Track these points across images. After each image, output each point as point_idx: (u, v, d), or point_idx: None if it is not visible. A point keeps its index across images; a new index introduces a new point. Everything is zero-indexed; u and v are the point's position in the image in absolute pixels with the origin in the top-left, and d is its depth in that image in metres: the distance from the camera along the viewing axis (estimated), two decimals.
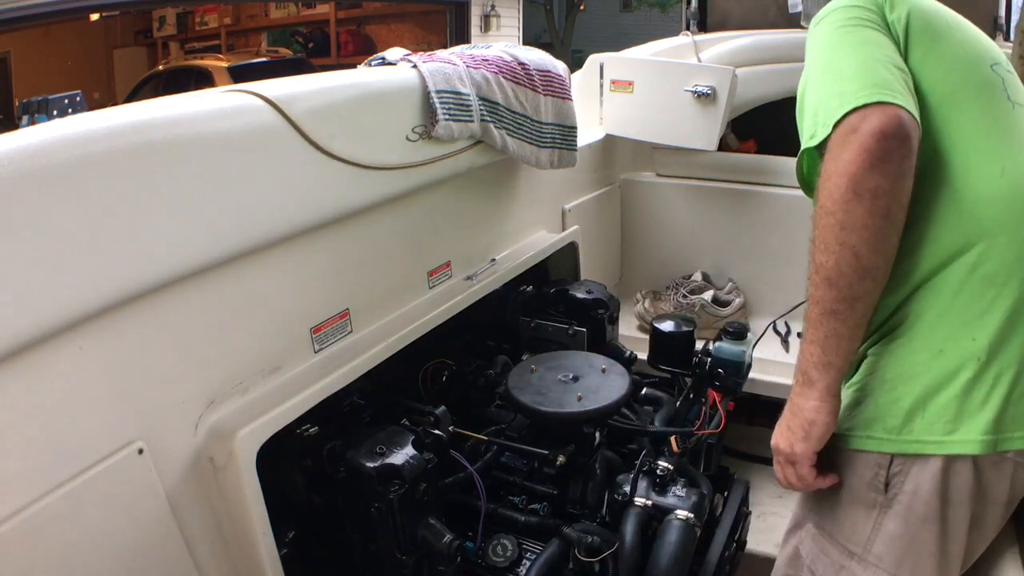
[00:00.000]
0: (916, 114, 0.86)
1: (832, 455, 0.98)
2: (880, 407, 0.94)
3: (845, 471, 0.97)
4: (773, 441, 1.01)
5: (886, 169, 0.83)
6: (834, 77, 0.91)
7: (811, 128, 0.91)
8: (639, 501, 1.20)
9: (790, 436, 0.96)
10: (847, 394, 0.99)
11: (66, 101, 1.16)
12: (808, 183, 0.99)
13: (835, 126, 0.86)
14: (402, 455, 1.10)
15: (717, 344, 1.49)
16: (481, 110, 1.39)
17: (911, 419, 0.91)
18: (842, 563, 1.00)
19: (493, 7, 8.70)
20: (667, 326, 1.59)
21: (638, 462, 1.25)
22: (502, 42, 1.66)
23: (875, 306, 0.91)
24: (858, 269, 0.86)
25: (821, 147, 0.89)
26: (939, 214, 0.92)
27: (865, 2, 0.99)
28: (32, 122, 1.10)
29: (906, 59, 0.96)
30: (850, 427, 0.96)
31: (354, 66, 1.42)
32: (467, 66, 1.39)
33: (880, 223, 0.85)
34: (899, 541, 0.94)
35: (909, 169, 0.85)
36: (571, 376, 1.35)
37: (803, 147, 0.94)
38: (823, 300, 0.90)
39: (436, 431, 1.21)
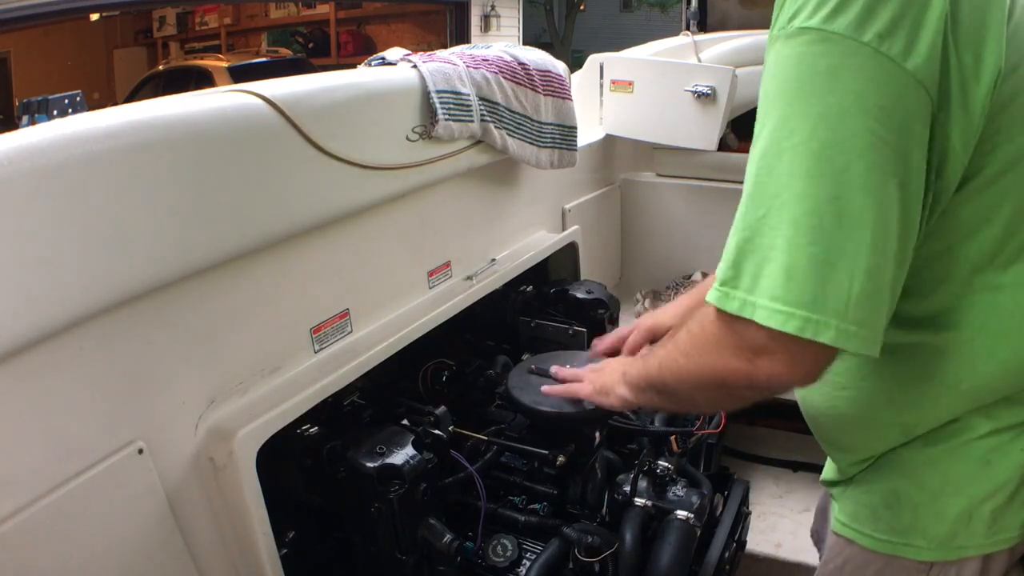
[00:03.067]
0: (870, 347, 0.65)
1: (857, 554, 0.92)
2: (921, 517, 0.86)
3: (876, 573, 0.90)
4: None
5: (761, 394, 0.72)
6: (818, 212, 0.62)
7: (730, 268, 0.67)
8: (639, 501, 1.20)
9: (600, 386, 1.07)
10: (869, 489, 0.91)
11: (66, 101, 1.16)
12: None
13: (759, 323, 0.64)
14: (402, 455, 1.10)
15: None
16: (481, 110, 1.39)
17: (956, 528, 0.84)
18: None
19: (493, 7, 8.70)
20: None
21: (638, 462, 1.25)
22: (502, 42, 1.66)
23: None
24: (691, 406, 0.92)
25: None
26: (992, 366, 0.78)
27: (917, 60, 0.61)
28: (32, 122, 1.11)
29: (974, 139, 0.66)
30: (883, 530, 0.88)
31: (354, 66, 1.42)
32: (467, 66, 1.39)
33: (728, 405, 0.86)
34: None
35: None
36: None
37: (711, 295, 0.69)
38: (659, 389, 0.90)
39: (436, 431, 1.21)
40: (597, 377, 1.10)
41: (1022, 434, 0.81)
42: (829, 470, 1.00)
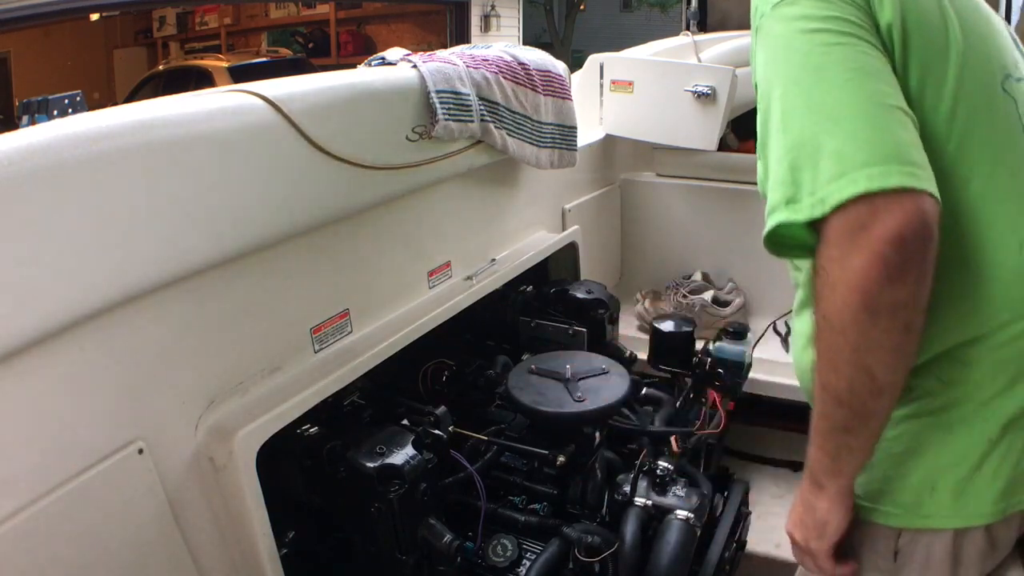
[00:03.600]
0: (938, 194, 0.69)
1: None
2: (889, 481, 0.88)
3: (858, 539, 0.92)
4: (788, 528, 0.94)
5: (907, 279, 0.68)
6: (822, 120, 0.72)
7: (787, 188, 0.72)
8: (639, 501, 1.20)
9: (804, 532, 0.90)
10: None
11: (66, 101, 1.16)
12: (780, 243, 0.80)
13: (836, 208, 0.68)
14: (402, 455, 1.10)
15: (717, 344, 1.50)
16: (481, 110, 1.39)
17: (920, 495, 0.86)
18: None
19: (493, 7, 8.70)
20: (667, 326, 1.59)
21: (638, 462, 1.25)
22: (502, 42, 1.66)
23: (889, 417, 0.79)
24: (873, 390, 0.74)
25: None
26: (950, 295, 0.79)
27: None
28: (32, 122, 1.11)
29: (902, 85, 0.77)
30: (861, 498, 0.89)
31: (354, 66, 1.42)
32: (467, 66, 1.39)
33: (899, 339, 0.72)
34: None
35: (931, 269, 0.70)
36: (571, 376, 1.35)
37: (776, 218, 0.74)
38: (833, 416, 0.79)
39: (436, 431, 1.21)
40: (799, 523, 0.92)
41: (984, 406, 0.82)
42: None
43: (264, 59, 7.95)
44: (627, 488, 1.22)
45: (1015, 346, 0.81)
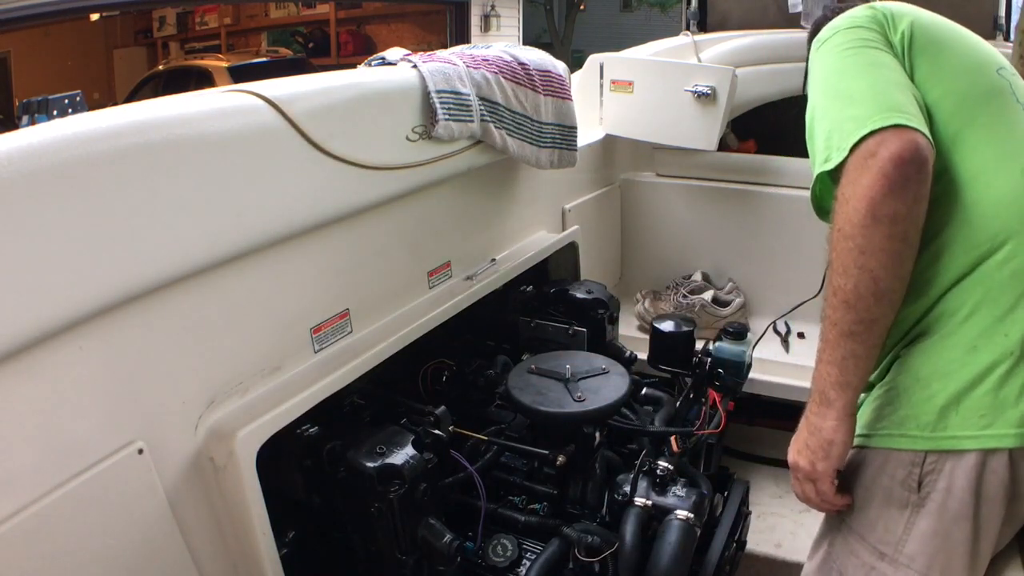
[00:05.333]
0: (931, 138, 0.88)
1: (863, 457, 0.99)
2: (914, 405, 0.93)
3: (877, 471, 0.97)
4: (791, 458, 1.00)
5: (904, 194, 0.85)
6: (846, 102, 0.93)
7: (824, 152, 0.93)
8: (639, 501, 1.20)
9: (810, 455, 0.97)
10: (878, 394, 0.99)
11: (66, 101, 1.16)
12: (822, 207, 1.01)
13: (852, 150, 0.87)
14: (402, 455, 1.10)
15: (717, 344, 1.49)
16: (481, 110, 1.39)
17: (946, 415, 0.90)
18: (872, 564, 0.98)
19: (493, 7, 8.70)
20: (667, 326, 1.59)
21: (638, 462, 1.25)
22: (502, 42, 1.66)
23: (890, 327, 0.92)
24: (876, 292, 0.88)
25: (836, 172, 0.91)
26: (963, 218, 0.93)
27: (867, 22, 1.02)
28: (32, 122, 1.10)
29: (912, 76, 0.99)
30: (883, 426, 0.96)
31: (354, 66, 1.42)
32: (467, 66, 1.39)
33: (899, 247, 0.87)
34: (932, 540, 0.93)
35: (926, 193, 0.87)
36: (571, 376, 1.35)
37: (816, 171, 0.95)
38: (841, 322, 0.91)
39: (436, 431, 1.21)
40: (804, 447, 0.99)
41: (1000, 321, 0.90)
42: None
43: (264, 59, 7.94)
44: (627, 488, 1.22)
45: (1018, 260, 0.91)
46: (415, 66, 1.31)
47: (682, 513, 1.17)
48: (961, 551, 0.92)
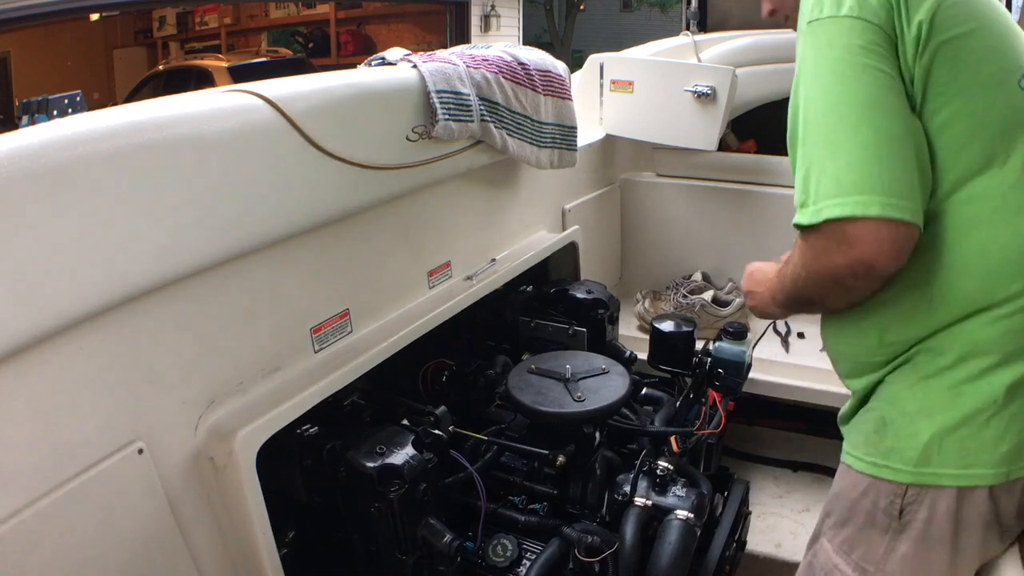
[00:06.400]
0: (920, 220, 0.83)
1: (851, 477, 0.99)
2: (900, 439, 0.94)
3: (861, 494, 0.98)
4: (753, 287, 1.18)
5: (871, 284, 0.88)
6: (831, 147, 0.85)
7: (800, 194, 0.88)
8: (639, 501, 1.20)
9: (759, 303, 1.17)
10: (865, 417, 1.00)
11: (66, 101, 1.16)
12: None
13: (826, 220, 0.83)
14: (402, 455, 1.10)
15: (717, 344, 1.49)
16: (481, 110, 1.39)
17: (929, 453, 0.91)
18: None
19: (493, 7, 8.70)
20: (667, 326, 1.59)
21: (638, 462, 1.25)
22: (502, 42, 1.66)
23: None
24: (811, 309, 1.02)
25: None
26: (961, 269, 0.89)
27: (870, 13, 0.86)
28: (32, 122, 1.10)
29: (923, 86, 0.87)
30: (869, 453, 0.97)
31: (354, 66, 1.42)
32: (467, 66, 1.39)
33: (847, 302, 0.95)
34: (912, 562, 0.95)
35: (889, 279, 0.88)
36: (571, 376, 1.35)
37: (796, 217, 0.89)
38: (781, 294, 1.04)
39: (436, 431, 1.21)
40: (752, 290, 1.19)
41: (987, 372, 0.89)
42: (844, 408, 1.08)
43: (264, 59, 7.95)
44: (627, 488, 1.22)
45: (1020, 317, 0.88)
46: (415, 66, 1.31)
47: (682, 513, 1.17)
48: (941, 570, 0.95)
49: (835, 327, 1.04)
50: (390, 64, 1.39)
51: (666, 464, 1.24)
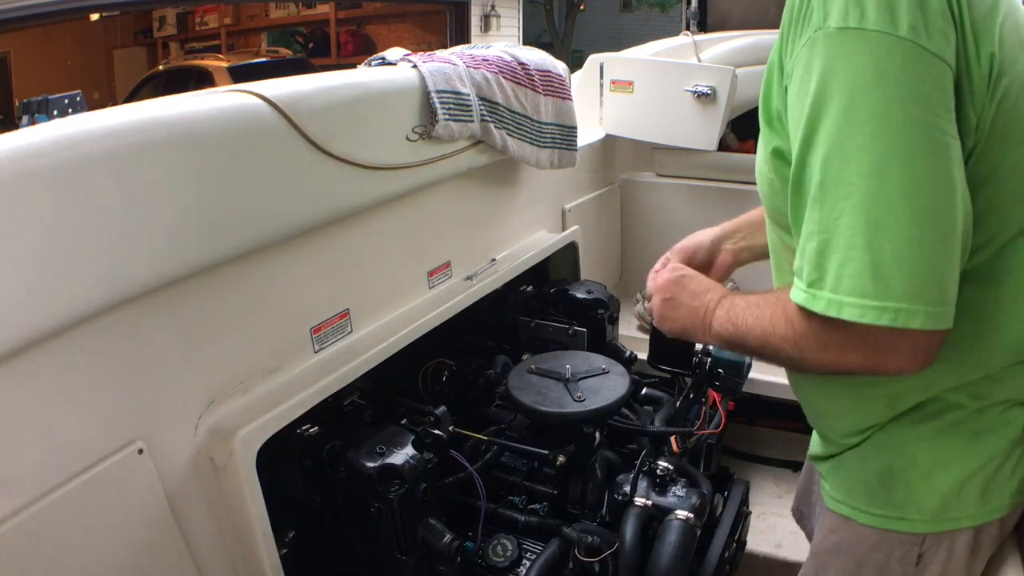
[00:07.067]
0: (951, 320, 0.69)
1: (854, 531, 0.93)
2: (914, 491, 0.87)
3: (871, 548, 0.91)
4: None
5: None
6: (879, 222, 0.66)
7: (811, 269, 0.70)
8: (639, 501, 1.20)
9: (683, 320, 0.98)
10: (862, 466, 0.92)
11: (66, 101, 1.16)
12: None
13: (851, 320, 0.68)
14: (402, 455, 1.10)
15: None
16: (481, 110, 1.39)
17: (947, 501, 0.86)
18: None
19: (493, 7, 8.69)
20: None
21: (638, 462, 1.25)
22: (502, 42, 1.66)
23: None
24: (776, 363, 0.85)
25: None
26: (997, 337, 0.81)
27: (938, 43, 0.66)
28: (32, 122, 1.10)
29: (991, 125, 0.71)
30: (877, 505, 0.90)
31: (354, 66, 1.42)
32: (467, 66, 1.39)
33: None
34: None
35: None
36: (571, 376, 1.35)
37: (795, 294, 0.73)
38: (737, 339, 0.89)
39: (436, 431, 1.21)
40: (676, 299, 1.00)
41: (1008, 409, 0.84)
42: (816, 445, 1.02)
43: (264, 59, 7.95)
44: (627, 488, 1.22)
45: None
46: (415, 66, 1.31)
47: (682, 513, 1.17)
48: None
49: (820, 387, 0.95)
50: (390, 64, 1.39)
51: (666, 464, 1.24)
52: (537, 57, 1.60)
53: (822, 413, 0.98)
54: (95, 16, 7.90)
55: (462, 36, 2.59)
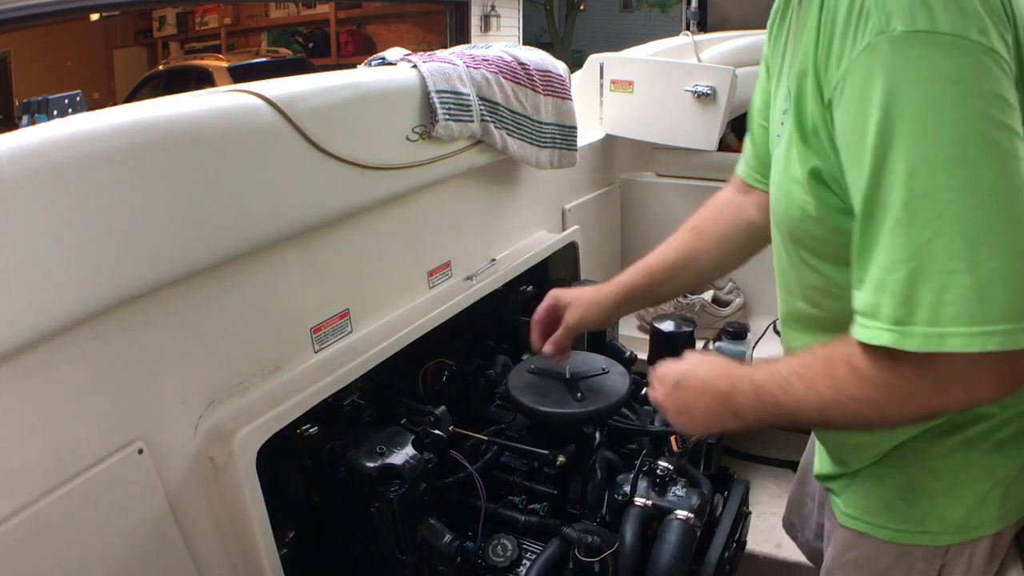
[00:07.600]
0: None
1: (872, 547, 0.91)
2: (936, 505, 0.86)
3: (891, 563, 0.90)
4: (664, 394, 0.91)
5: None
6: (978, 240, 0.60)
7: (897, 304, 0.62)
8: (639, 501, 1.20)
9: (710, 421, 0.85)
10: (879, 482, 0.90)
11: (66, 101, 1.16)
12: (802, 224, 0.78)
13: (954, 352, 0.61)
14: (402, 455, 1.10)
15: (717, 344, 1.50)
16: (481, 110, 1.39)
17: (970, 514, 0.86)
18: None
19: (493, 7, 8.70)
20: (667, 326, 1.59)
21: (638, 462, 1.25)
22: (502, 42, 1.66)
23: None
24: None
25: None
26: None
27: (1002, 42, 0.63)
28: (32, 122, 1.10)
29: None
30: (897, 519, 0.89)
31: (354, 66, 1.42)
32: (467, 66, 1.39)
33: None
34: None
35: None
36: (571, 376, 1.35)
37: (878, 334, 0.64)
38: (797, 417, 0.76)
39: (436, 431, 1.21)
40: (680, 400, 0.90)
41: None
42: (825, 465, 1.00)
43: (264, 59, 7.96)
44: (627, 488, 1.22)
45: None
46: (415, 66, 1.31)
47: (682, 513, 1.17)
48: None
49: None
50: (390, 64, 1.39)
51: (666, 464, 1.24)
52: (537, 57, 1.60)
53: (850, 446, 0.93)
54: (95, 16, 7.90)
55: (462, 36, 2.59)
